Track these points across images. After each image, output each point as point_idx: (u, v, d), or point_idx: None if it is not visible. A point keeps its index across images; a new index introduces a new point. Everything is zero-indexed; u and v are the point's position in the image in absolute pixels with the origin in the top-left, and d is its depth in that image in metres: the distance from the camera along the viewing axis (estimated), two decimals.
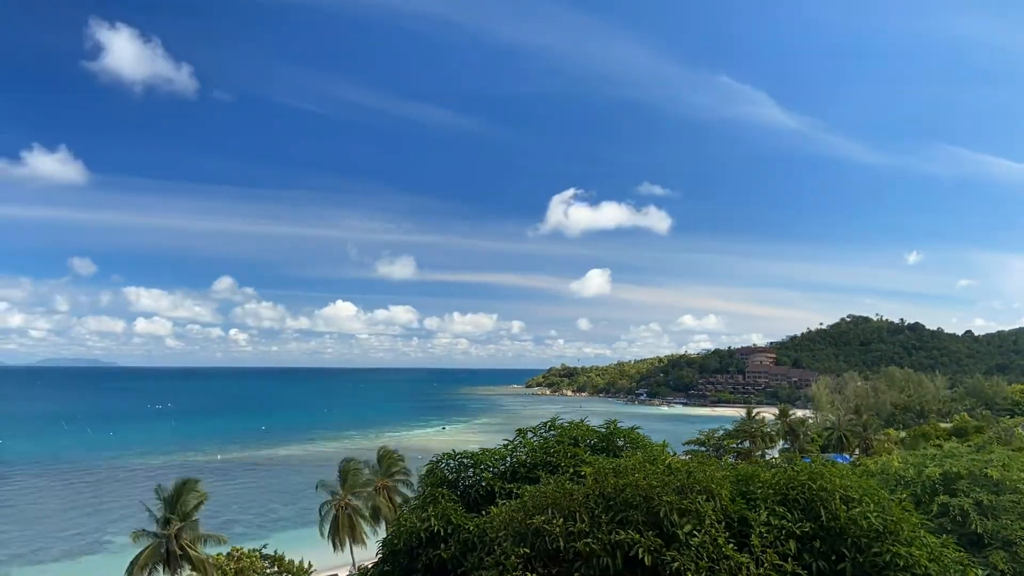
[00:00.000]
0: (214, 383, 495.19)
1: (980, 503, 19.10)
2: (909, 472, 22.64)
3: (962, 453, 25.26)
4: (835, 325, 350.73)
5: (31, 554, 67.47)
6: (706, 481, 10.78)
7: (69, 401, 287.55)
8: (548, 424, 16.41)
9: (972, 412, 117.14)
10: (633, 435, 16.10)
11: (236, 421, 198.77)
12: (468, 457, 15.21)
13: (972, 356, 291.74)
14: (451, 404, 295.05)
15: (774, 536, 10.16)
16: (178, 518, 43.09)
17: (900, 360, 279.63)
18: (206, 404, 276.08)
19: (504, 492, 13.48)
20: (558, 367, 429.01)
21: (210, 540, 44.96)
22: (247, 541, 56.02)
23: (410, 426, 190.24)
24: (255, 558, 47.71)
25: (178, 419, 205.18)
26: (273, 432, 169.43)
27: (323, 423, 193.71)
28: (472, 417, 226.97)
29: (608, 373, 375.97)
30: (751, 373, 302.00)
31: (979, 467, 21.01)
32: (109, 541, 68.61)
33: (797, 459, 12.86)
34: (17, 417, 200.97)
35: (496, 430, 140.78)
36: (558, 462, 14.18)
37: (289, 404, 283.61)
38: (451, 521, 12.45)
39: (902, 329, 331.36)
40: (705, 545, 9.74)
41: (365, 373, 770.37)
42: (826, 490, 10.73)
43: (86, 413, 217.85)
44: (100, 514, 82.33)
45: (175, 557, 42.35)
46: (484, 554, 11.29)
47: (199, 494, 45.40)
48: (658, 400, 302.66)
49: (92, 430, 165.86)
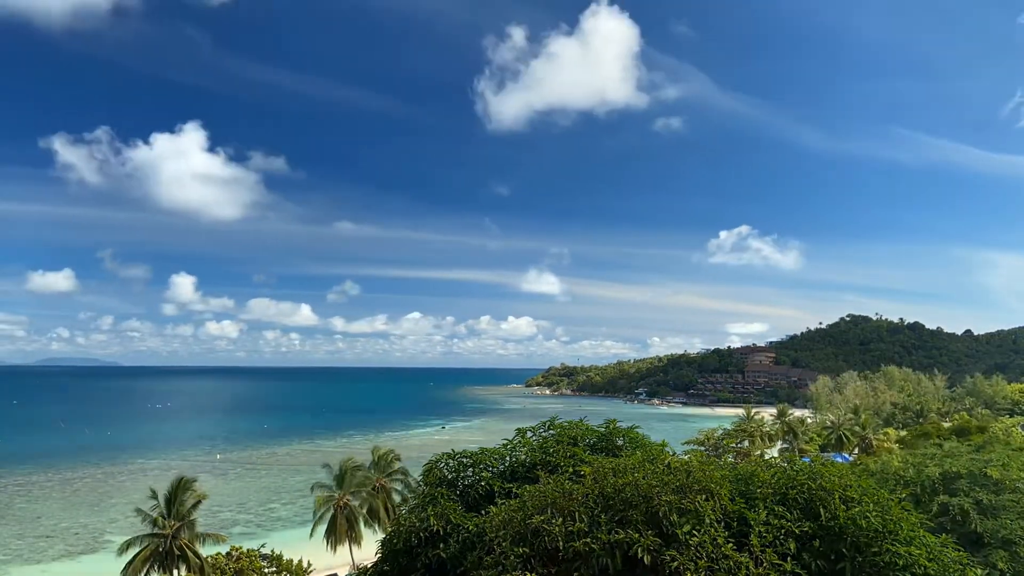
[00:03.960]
0: (214, 383, 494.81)
1: (980, 502, 19.12)
2: (909, 472, 22.66)
3: (962, 453, 25.29)
4: (834, 325, 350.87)
5: (31, 554, 67.42)
6: (705, 481, 10.77)
7: (68, 401, 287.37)
8: (547, 424, 16.40)
9: (972, 412, 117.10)
10: (632, 435, 16.09)
11: (236, 420, 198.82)
12: (467, 457, 15.20)
13: (972, 356, 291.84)
14: (451, 404, 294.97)
15: (773, 536, 10.15)
16: (175, 518, 43.07)
17: (900, 360, 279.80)
18: (206, 404, 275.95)
19: (503, 492, 13.46)
20: (558, 366, 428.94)
21: (209, 539, 44.93)
22: (246, 540, 55.98)
23: (410, 426, 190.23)
24: (254, 557, 47.64)
25: (177, 419, 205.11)
26: (273, 431, 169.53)
27: (323, 423, 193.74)
28: (471, 417, 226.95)
29: (608, 372, 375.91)
30: (751, 373, 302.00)
31: (979, 467, 21.04)
32: (109, 541, 68.45)
33: (796, 459, 12.82)
34: (16, 417, 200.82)
35: (496, 430, 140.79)
36: (557, 462, 14.17)
37: (289, 404, 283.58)
38: (450, 521, 12.44)
39: (902, 329, 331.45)
40: (704, 544, 9.72)
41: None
42: (825, 490, 10.73)
43: (85, 413, 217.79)
44: (100, 514, 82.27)
45: (173, 557, 42.32)
46: (483, 553, 11.28)
47: (196, 494, 45.38)
48: (658, 400, 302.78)
49: (91, 430, 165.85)
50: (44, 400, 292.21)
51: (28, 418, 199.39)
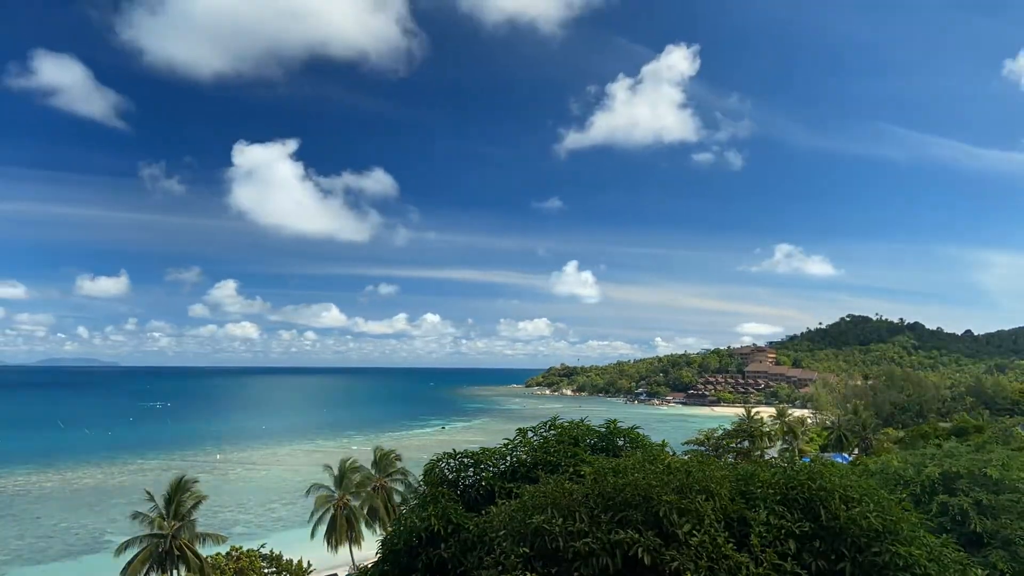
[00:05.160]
0: (214, 383, 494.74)
1: (980, 503, 19.12)
2: (909, 472, 22.66)
3: (962, 453, 25.27)
4: (834, 325, 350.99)
5: (31, 554, 67.43)
6: (705, 481, 10.77)
7: (68, 401, 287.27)
8: (548, 424, 16.39)
9: (972, 412, 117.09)
10: (633, 435, 16.09)
11: (236, 420, 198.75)
12: (468, 456, 15.19)
13: (972, 356, 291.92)
14: (451, 404, 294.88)
15: (773, 535, 10.15)
16: (175, 518, 43.08)
17: (900, 360, 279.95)
18: (206, 404, 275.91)
19: (504, 491, 13.47)
20: (558, 367, 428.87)
21: (209, 540, 44.94)
22: (246, 540, 55.93)
23: (410, 426, 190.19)
24: (254, 557, 47.67)
25: (177, 419, 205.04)
26: (273, 431, 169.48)
27: (323, 423, 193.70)
28: (472, 417, 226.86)
29: (608, 373, 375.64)
30: (751, 373, 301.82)
31: (979, 467, 21.03)
32: (109, 541, 68.41)
33: (796, 459, 12.82)
34: (16, 417, 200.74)
35: (496, 430, 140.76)
36: (558, 462, 14.17)
37: (289, 403, 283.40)
38: (451, 520, 12.43)
39: (902, 329, 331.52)
40: (704, 544, 9.72)
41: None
42: (826, 490, 10.72)
43: (85, 413, 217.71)
44: (100, 514, 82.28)
45: (172, 557, 42.32)
46: (484, 553, 11.28)
47: (196, 494, 45.39)
48: (658, 400, 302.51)
49: (91, 430, 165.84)
50: (44, 400, 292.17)
51: (28, 418, 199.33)
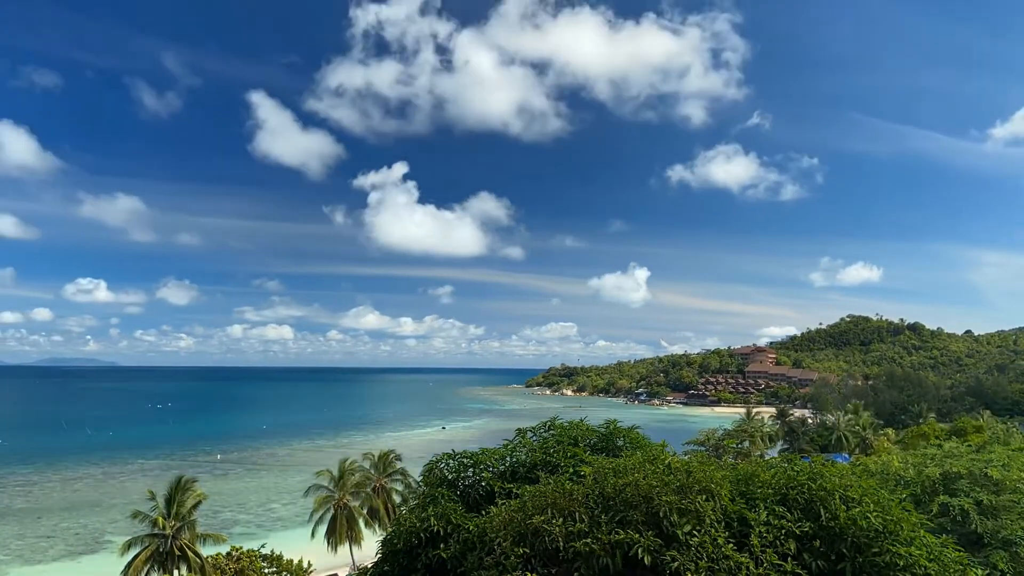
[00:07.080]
0: (213, 382, 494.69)
1: (980, 503, 19.10)
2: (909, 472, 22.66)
3: (962, 453, 25.26)
4: (835, 325, 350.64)
5: (31, 554, 67.43)
6: (706, 481, 10.75)
7: (69, 401, 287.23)
8: (548, 424, 16.35)
9: (972, 412, 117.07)
10: (633, 435, 16.04)
11: (236, 420, 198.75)
12: (468, 457, 15.15)
13: (972, 356, 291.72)
14: (451, 404, 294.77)
15: (774, 536, 10.13)
16: (175, 518, 43.07)
17: (900, 360, 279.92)
18: (206, 404, 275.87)
19: (504, 492, 13.44)
20: (558, 367, 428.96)
21: (209, 540, 44.94)
22: (246, 540, 55.92)
23: (410, 426, 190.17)
24: (254, 557, 47.63)
25: (178, 419, 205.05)
26: (273, 431, 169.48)
27: (323, 423, 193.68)
28: (472, 417, 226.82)
29: (608, 373, 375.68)
30: (751, 373, 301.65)
31: (979, 467, 21.01)
32: (109, 541, 68.45)
33: (796, 459, 12.82)
34: (17, 417, 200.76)
35: (496, 430, 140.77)
36: (558, 462, 14.14)
37: (289, 403, 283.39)
38: (451, 521, 12.42)
39: (902, 329, 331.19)
40: (705, 545, 9.71)
41: None
42: (826, 490, 10.71)
43: (85, 413, 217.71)
44: (100, 514, 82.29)
45: (173, 557, 42.32)
46: (484, 554, 11.27)
47: (196, 494, 45.37)
48: (658, 400, 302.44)
49: (92, 430, 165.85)
50: (44, 400, 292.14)
51: (28, 418, 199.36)
